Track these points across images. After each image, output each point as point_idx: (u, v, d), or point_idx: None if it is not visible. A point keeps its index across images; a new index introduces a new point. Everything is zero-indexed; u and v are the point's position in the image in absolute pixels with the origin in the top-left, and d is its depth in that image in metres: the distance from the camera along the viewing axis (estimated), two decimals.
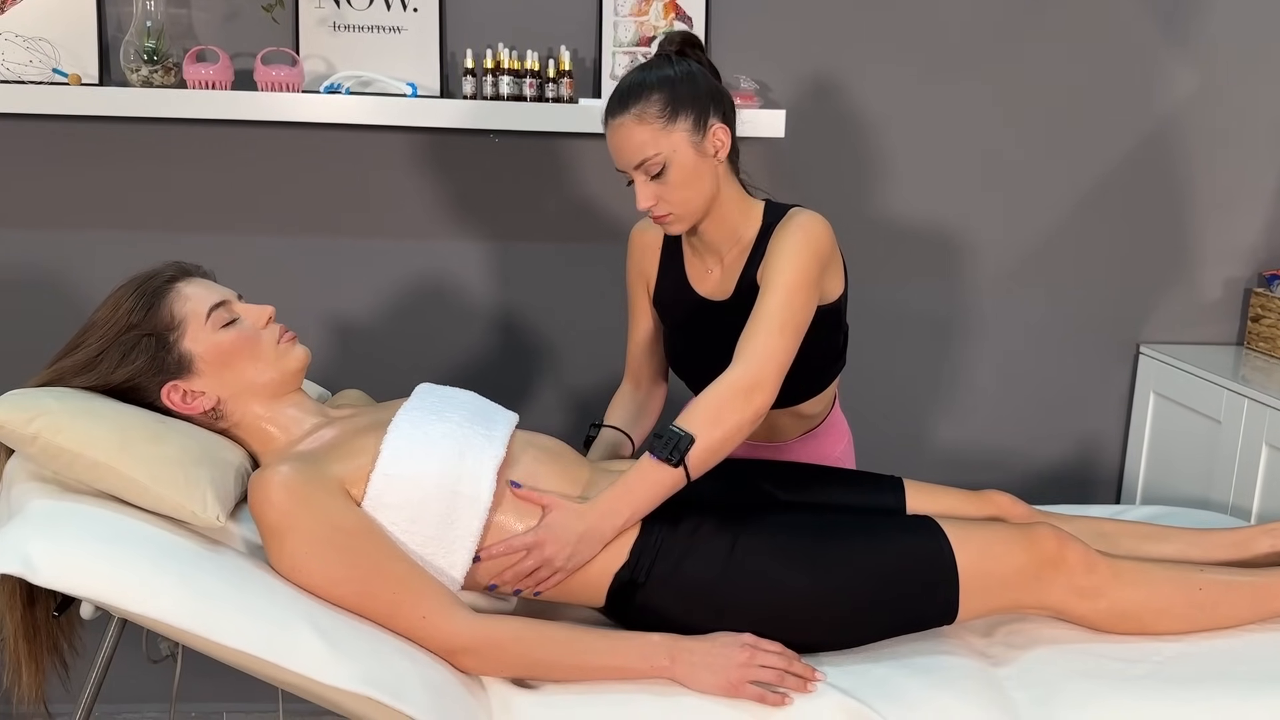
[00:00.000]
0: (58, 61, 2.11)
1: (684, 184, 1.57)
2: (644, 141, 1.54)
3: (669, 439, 1.44)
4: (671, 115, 1.54)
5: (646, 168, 1.56)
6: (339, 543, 1.32)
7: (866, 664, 1.41)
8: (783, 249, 1.56)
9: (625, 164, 1.58)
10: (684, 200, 1.58)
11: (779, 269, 1.54)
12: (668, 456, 1.43)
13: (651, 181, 1.57)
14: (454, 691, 1.30)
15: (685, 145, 1.55)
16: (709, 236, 1.68)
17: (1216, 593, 1.50)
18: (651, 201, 1.58)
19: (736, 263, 1.68)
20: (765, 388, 1.48)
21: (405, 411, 1.45)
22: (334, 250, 2.28)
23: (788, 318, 1.51)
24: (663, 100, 1.54)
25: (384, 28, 2.20)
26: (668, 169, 1.55)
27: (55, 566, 1.20)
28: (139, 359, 1.42)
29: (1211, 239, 2.45)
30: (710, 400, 1.47)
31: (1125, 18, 2.33)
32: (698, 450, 1.44)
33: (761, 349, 1.49)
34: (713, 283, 1.71)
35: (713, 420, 1.45)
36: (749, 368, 1.48)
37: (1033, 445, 2.51)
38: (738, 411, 1.46)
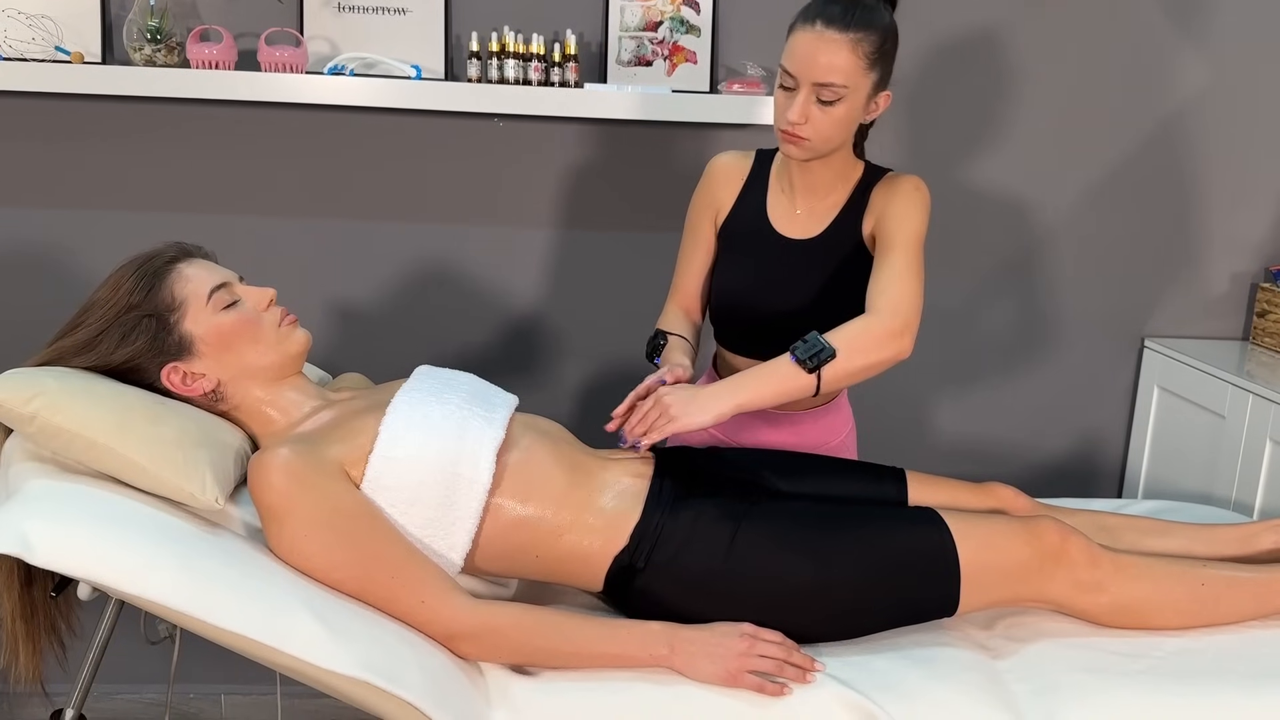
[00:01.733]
0: (60, 39, 2.10)
1: (840, 122, 1.58)
2: (846, 68, 1.53)
3: (813, 345, 1.49)
4: (875, 61, 1.56)
5: (825, 90, 1.55)
6: (338, 526, 1.31)
7: (866, 655, 1.41)
8: (906, 204, 1.63)
9: (809, 75, 1.54)
10: (828, 136, 1.59)
11: (905, 222, 1.61)
12: (805, 359, 1.48)
13: (816, 103, 1.56)
14: (452, 677, 1.30)
15: (865, 93, 1.58)
16: (812, 177, 1.70)
17: (1219, 588, 1.49)
18: (802, 119, 1.56)
19: (831, 208, 1.71)
20: (911, 332, 1.53)
21: (404, 393, 1.45)
22: (336, 233, 2.27)
23: (920, 268, 1.58)
24: (879, 42, 1.55)
25: (389, 9, 2.18)
26: (840, 103, 1.56)
27: (52, 547, 1.20)
28: (139, 340, 1.41)
29: (1218, 233, 2.44)
30: (860, 330, 1.51)
31: (1136, 10, 2.32)
32: (835, 367, 1.49)
33: (905, 294, 1.54)
34: (798, 222, 1.73)
35: (860, 348, 1.50)
36: (900, 311, 1.52)
37: (1036, 438, 2.50)
38: (884, 349, 1.51)
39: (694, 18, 2.24)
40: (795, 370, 1.49)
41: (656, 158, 2.29)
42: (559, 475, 1.46)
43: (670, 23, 2.24)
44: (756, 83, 2.17)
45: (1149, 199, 2.41)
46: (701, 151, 2.28)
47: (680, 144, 2.29)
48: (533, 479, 1.44)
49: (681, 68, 2.25)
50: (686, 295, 1.85)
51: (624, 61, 2.24)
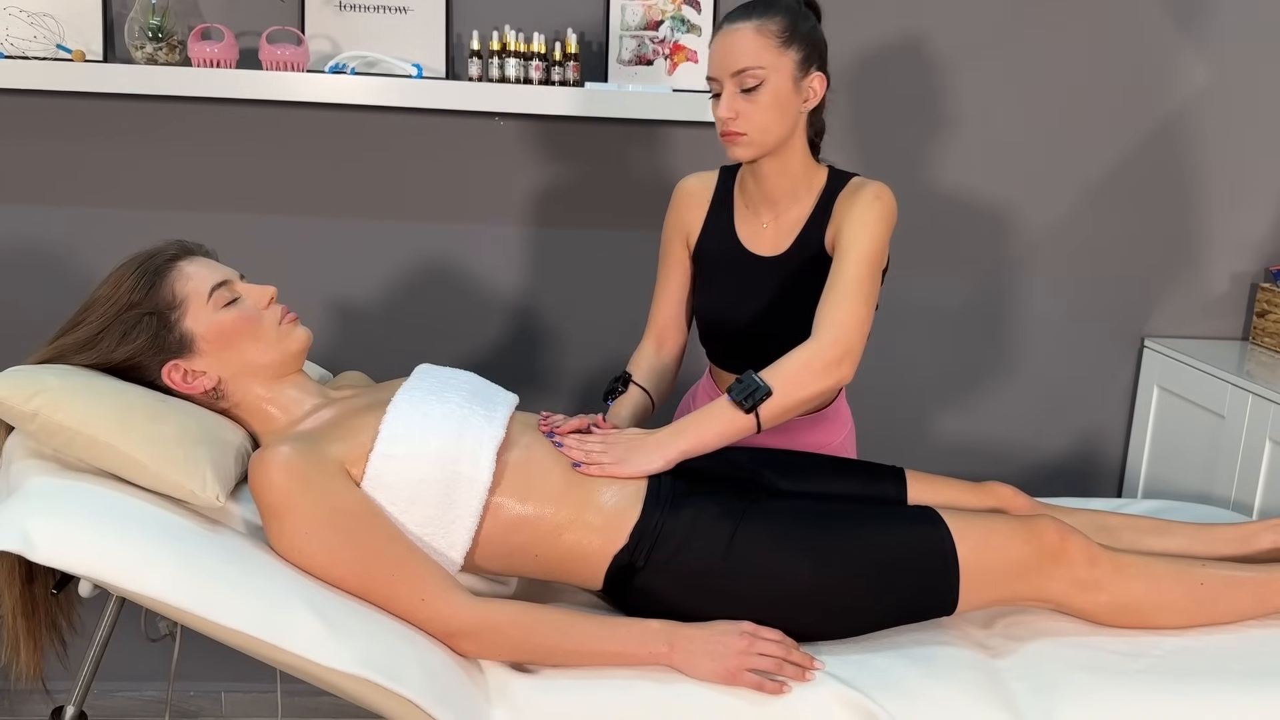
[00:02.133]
0: (62, 38, 2.10)
1: (771, 107, 1.57)
2: (755, 50, 1.55)
3: (748, 385, 1.48)
4: (788, 40, 1.57)
5: (744, 78, 1.56)
6: (338, 524, 1.31)
7: (865, 653, 1.41)
8: (862, 216, 1.59)
9: (725, 69, 1.57)
10: (763, 125, 1.58)
11: (858, 236, 1.57)
12: (741, 401, 1.47)
13: (741, 95, 1.57)
14: (452, 675, 1.30)
15: (787, 73, 1.58)
16: (769, 184, 1.68)
17: (1218, 588, 1.50)
18: (732, 114, 1.58)
19: (796, 221, 1.69)
20: (852, 357, 1.52)
21: (405, 391, 1.45)
22: (337, 231, 2.27)
23: (869, 287, 1.55)
24: (785, 23, 1.57)
25: (390, 8, 2.19)
26: (762, 87, 1.56)
27: (53, 544, 1.20)
28: (140, 337, 1.41)
29: (1219, 233, 2.44)
30: (798, 363, 1.50)
31: (1136, 10, 2.32)
32: (773, 404, 1.48)
33: (849, 318, 1.52)
34: (765, 238, 1.72)
35: (797, 382, 1.49)
36: (839, 337, 1.51)
37: (1035, 437, 2.50)
38: (822, 379, 1.50)
39: (695, 17, 2.24)
40: (734, 411, 1.48)
41: (657, 156, 2.30)
42: (558, 474, 1.46)
43: (671, 22, 2.24)
44: None
45: (1149, 198, 2.41)
46: (701, 151, 2.28)
47: (680, 143, 2.29)
48: (532, 478, 1.44)
49: (682, 66, 2.25)
50: (662, 324, 1.86)
51: (625, 60, 2.24)
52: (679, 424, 1.51)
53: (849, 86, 2.30)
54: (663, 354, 1.85)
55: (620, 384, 1.79)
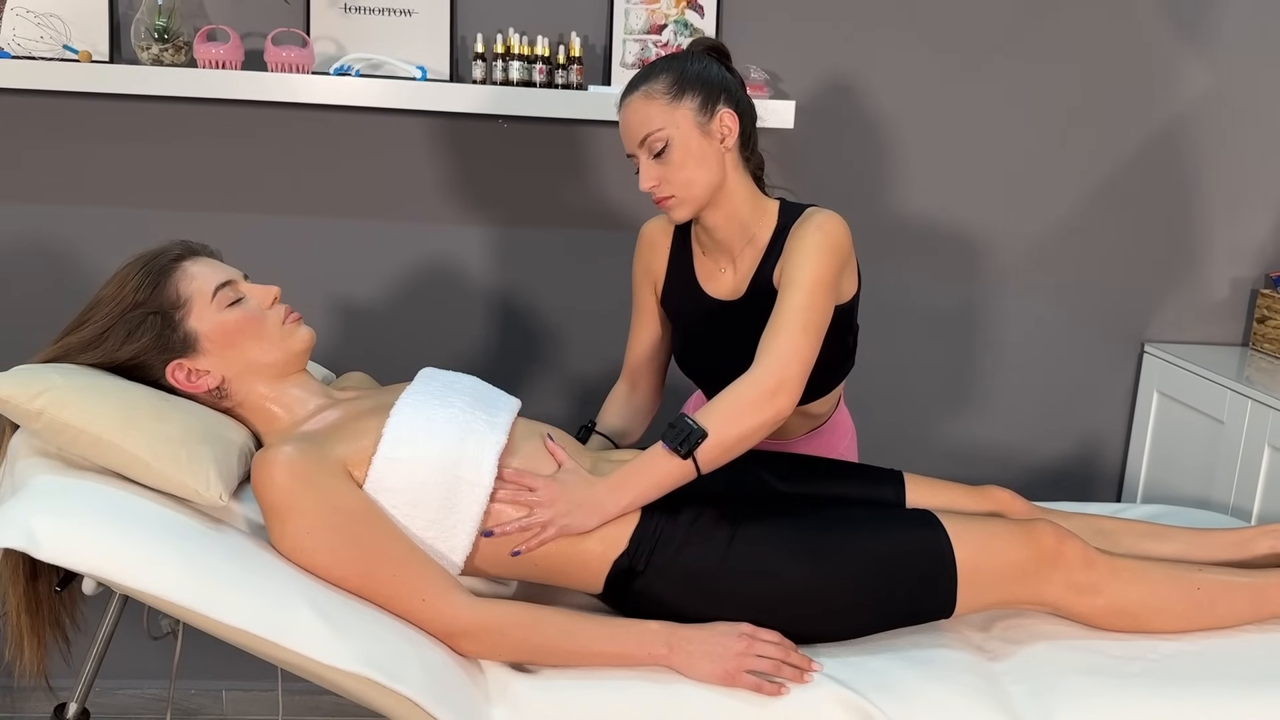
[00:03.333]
0: (69, 38, 2.11)
1: (686, 164, 1.57)
2: (649, 116, 1.55)
3: (681, 430, 1.43)
4: (678, 93, 1.56)
5: (650, 144, 1.56)
6: (340, 524, 1.32)
7: (863, 655, 1.42)
8: (802, 248, 1.55)
9: (631, 142, 1.59)
10: (686, 182, 1.58)
11: (799, 267, 1.53)
12: (676, 447, 1.43)
13: (654, 161, 1.57)
14: (452, 674, 1.31)
15: (689, 124, 1.56)
16: (718, 233, 1.67)
17: (1215, 592, 1.50)
18: (654, 182, 1.58)
19: (751, 262, 1.67)
20: (789, 389, 1.46)
21: (408, 395, 1.46)
22: (341, 232, 2.28)
23: (810, 318, 1.50)
24: (669, 79, 1.56)
25: (395, 11, 2.20)
26: (670, 147, 1.56)
27: (57, 542, 1.21)
28: (144, 337, 1.42)
29: (1219, 239, 2.45)
30: (731, 399, 1.45)
31: (1136, 15, 2.33)
32: (709, 446, 1.43)
33: (786, 349, 1.47)
34: (725, 283, 1.70)
35: (731, 419, 1.44)
36: (772, 369, 1.46)
37: (1035, 442, 2.51)
38: (759, 413, 1.44)
39: (698, 21, 2.25)
40: (670, 459, 1.43)
41: None
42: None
43: (674, 25, 2.25)
44: (760, 86, 2.18)
45: (1149, 204, 2.42)
46: None
47: None
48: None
49: None
50: (635, 366, 1.86)
51: (628, 64, 2.25)
52: (619, 476, 1.45)
53: (853, 87, 2.31)
54: (635, 397, 1.86)
55: (582, 433, 1.79)
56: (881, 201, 2.37)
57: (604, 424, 1.83)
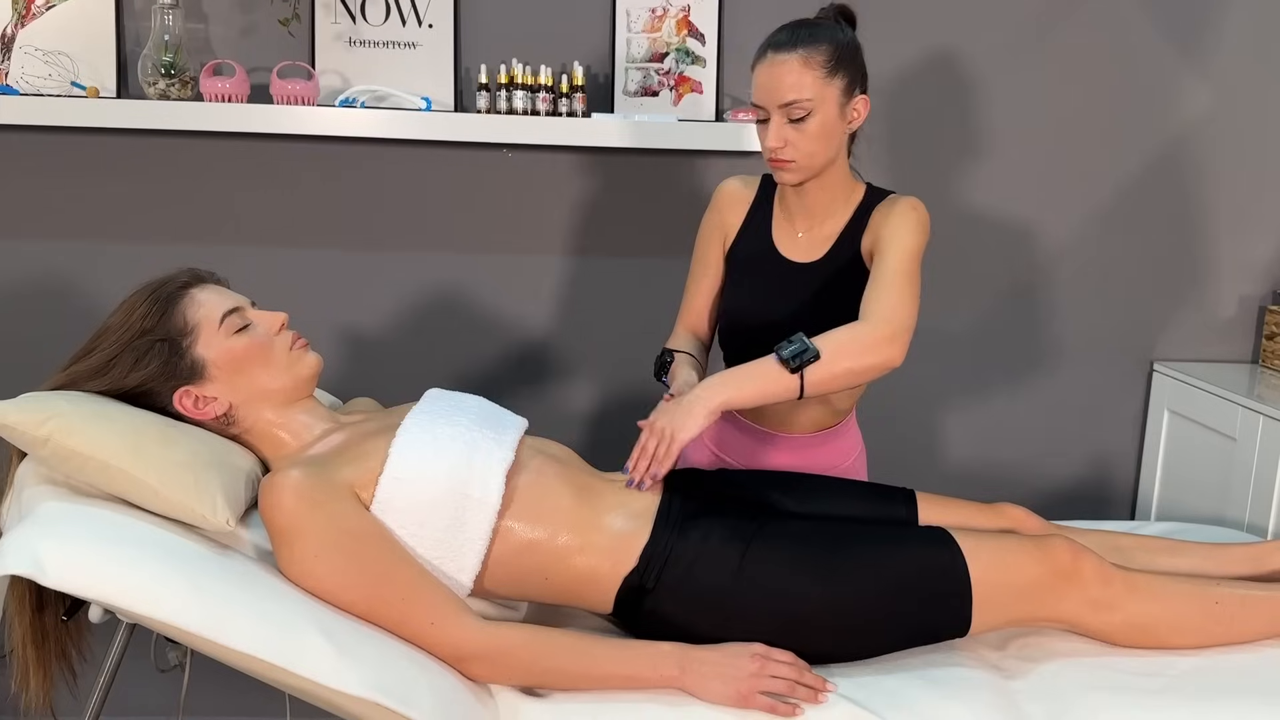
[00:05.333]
0: (76, 75, 2.14)
1: (819, 137, 1.60)
2: (803, 84, 1.57)
3: (797, 346, 1.47)
4: (834, 69, 1.59)
5: (792, 109, 1.59)
6: (348, 547, 1.31)
7: (878, 675, 1.40)
8: (901, 221, 1.62)
9: (773, 100, 1.60)
10: (812, 152, 1.61)
11: (899, 236, 1.60)
12: (788, 359, 1.47)
13: (789, 125, 1.60)
14: (462, 699, 1.29)
15: (834, 102, 1.60)
16: (810, 199, 1.72)
17: (1233, 607, 1.48)
18: (781, 144, 1.61)
19: (832, 230, 1.73)
20: (902, 339, 1.51)
21: (414, 415, 1.45)
22: (347, 263, 2.29)
23: (913, 279, 1.57)
24: (830, 52, 1.59)
25: (399, 43, 2.22)
26: (811, 117, 1.59)
27: (64, 567, 1.20)
28: (152, 364, 1.42)
29: (1226, 256, 2.44)
30: (850, 336, 1.50)
31: (1137, 36, 2.34)
32: (820, 370, 1.47)
33: (897, 304, 1.53)
34: (799, 245, 1.75)
35: (846, 351, 1.49)
36: (889, 318, 1.51)
37: (1046, 462, 2.49)
38: (874, 354, 1.49)
39: (699, 49, 2.27)
40: (779, 370, 1.48)
41: (663, 185, 2.31)
42: (568, 497, 1.46)
43: (676, 54, 2.27)
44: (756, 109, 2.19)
45: (1155, 222, 2.42)
46: (707, 179, 2.30)
47: (686, 172, 2.31)
48: (542, 501, 1.44)
49: (687, 98, 2.28)
50: (695, 316, 1.87)
51: (630, 92, 2.27)
52: (721, 376, 1.51)
53: None
54: (699, 339, 1.88)
55: (668, 355, 1.80)
56: None
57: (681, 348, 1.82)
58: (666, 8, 2.25)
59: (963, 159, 2.36)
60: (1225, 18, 2.34)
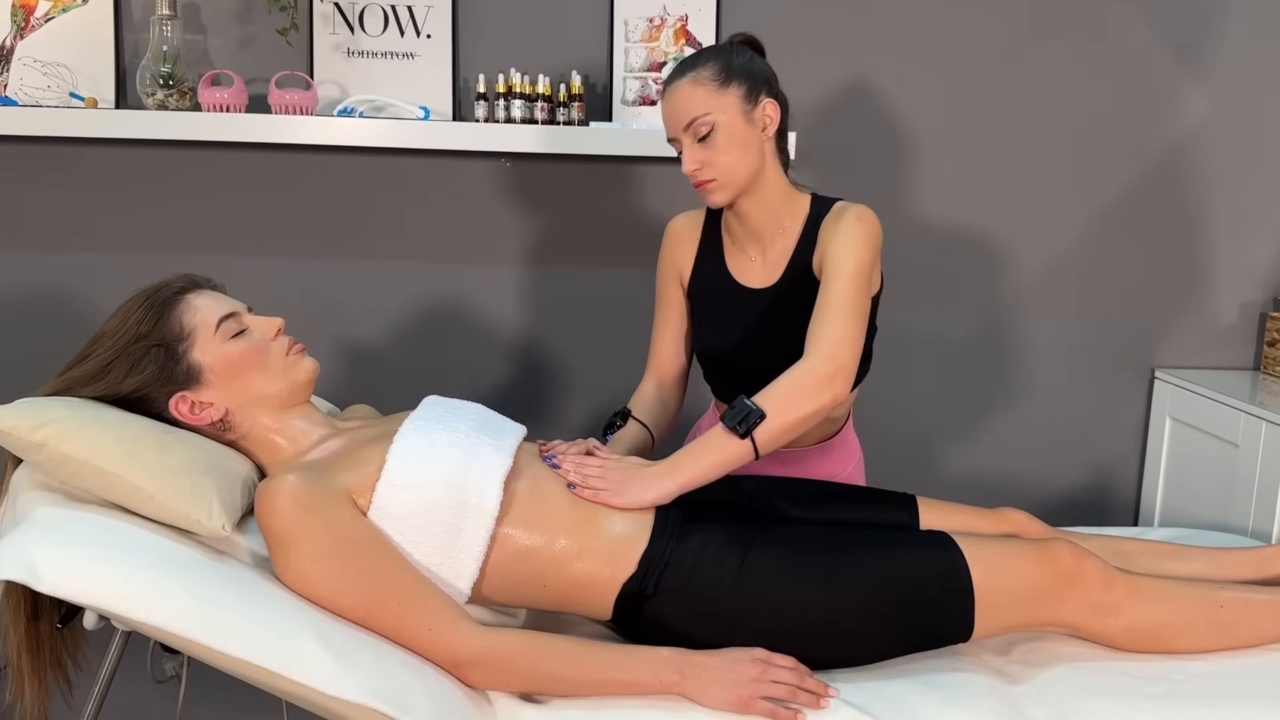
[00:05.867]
0: (75, 86, 2.14)
1: (730, 148, 1.60)
2: (696, 101, 1.58)
3: (740, 411, 1.47)
4: (725, 80, 1.59)
5: (695, 128, 1.59)
6: (345, 553, 1.30)
7: (880, 680, 1.38)
8: (844, 237, 1.59)
9: (676, 126, 1.61)
10: (729, 166, 1.60)
11: (844, 256, 1.57)
12: (735, 427, 1.45)
13: (699, 144, 1.60)
14: (460, 705, 1.28)
15: (735, 110, 1.59)
16: (751, 219, 1.70)
17: (1238, 611, 1.47)
18: (697, 165, 1.60)
19: (783, 251, 1.70)
20: (845, 374, 1.50)
21: (412, 421, 1.45)
22: (346, 272, 2.29)
23: (856, 305, 1.54)
24: (717, 66, 1.60)
25: (398, 54, 2.22)
26: (716, 131, 1.59)
27: (59, 573, 1.19)
28: (148, 369, 1.41)
29: (1226, 263, 2.44)
30: (790, 383, 1.49)
31: (1138, 42, 2.34)
32: (769, 427, 1.46)
33: (838, 335, 1.51)
34: (755, 271, 1.73)
35: (790, 402, 1.48)
36: (829, 354, 1.50)
37: (1048, 471, 2.48)
38: (818, 397, 1.48)
39: None
40: (729, 439, 1.47)
41: (663, 194, 2.31)
42: (566, 503, 1.45)
43: (673, 63, 2.27)
44: None
45: (1156, 229, 2.42)
46: None
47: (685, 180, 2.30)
48: (540, 507, 1.43)
49: None
50: (661, 361, 1.87)
51: (629, 101, 2.27)
52: (676, 457, 1.50)
53: (853, 118, 2.32)
54: (663, 392, 1.86)
55: (619, 418, 1.79)
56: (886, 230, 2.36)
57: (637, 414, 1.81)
58: (664, 17, 2.26)
59: (962, 167, 2.36)
60: (1224, 23, 2.35)
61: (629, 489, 1.46)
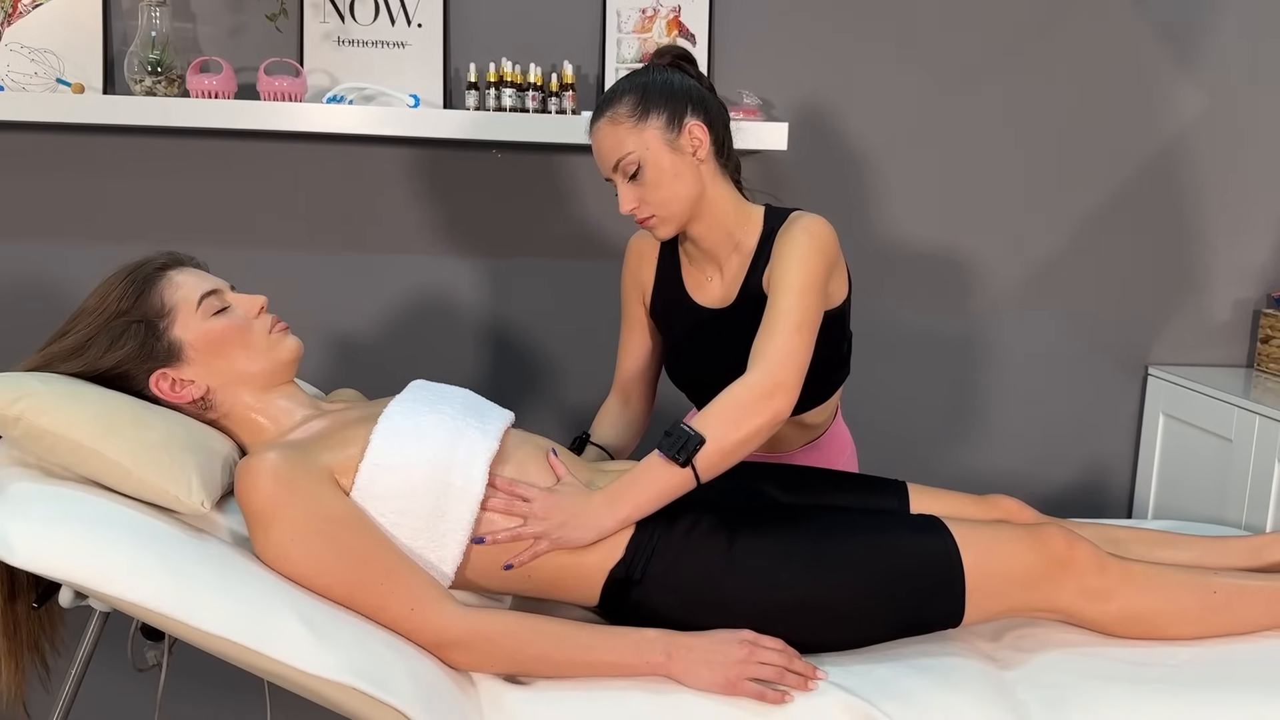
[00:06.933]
0: (62, 72, 2.12)
1: (661, 183, 1.55)
2: (617, 141, 1.55)
3: (677, 437, 1.39)
4: (643, 114, 1.54)
5: (623, 168, 1.55)
6: (326, 532, 1.28)
7: (869, 664, 1.37)
8: (790, 252, 1.53)
9: (604, 167, 1.59)
10: (665, 200, 1.56)
11: (788, 270, 1.51)
12: (674, 455, 1.39)
13: (630, 183, 1.56)
14: (442, 685, 1.26)
15: (658, 143, 1.55)
16: (704, 242, 1.65)
17: (1231, 595, 1.46)
18: (634, 204, 1.57)
19: (739, 269, 1.65)
20: (786, 390, 1.43)
21: (397, 403, 1.43)
22: (333, 262, 2.27)
23: (803, 319, 1.47)
24: (633, 100, 1.55)
25: (388, 43, 2.21)
26: (643, 168, 1.55)
27: (33, 547, 1.17)
28: (128, 345, 1.39)
29: (1220, 260, 2.43)
30: (728, 403, 1.42)
31: (1133, 38, 2.34)
32: (709, 452, 1.39)
33: (780, 351, 1.45)
34: (713, 291, 1.69)
35: (729, 423, 1.40)
36: (769, 370, 1.43)
37: (1041, 467, 2.47)
38: (757, 415, 1.41)
39: (690, 48, 2.26)
40: (668, 468, 1.39)
41: None
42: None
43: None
44: (753, 110, 2.18)
45: (1150, 227, 2.41)
46: None
47: None
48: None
49: None
50: (626, 380, 1.84)
51: None
52: (616, 488, 1.41)
53: (846, 110, 2.31)
54: (628, 410, 1.84)
55: (576, 444, 1.77)
56: (879, 226, 2.36)
57: (598, 438, 1.79)
58: (657, 8, 2.25)
59: (951, 162, 2.35)
60: (1219, 20, 2.34)
61: (569, 533, 1.38)
